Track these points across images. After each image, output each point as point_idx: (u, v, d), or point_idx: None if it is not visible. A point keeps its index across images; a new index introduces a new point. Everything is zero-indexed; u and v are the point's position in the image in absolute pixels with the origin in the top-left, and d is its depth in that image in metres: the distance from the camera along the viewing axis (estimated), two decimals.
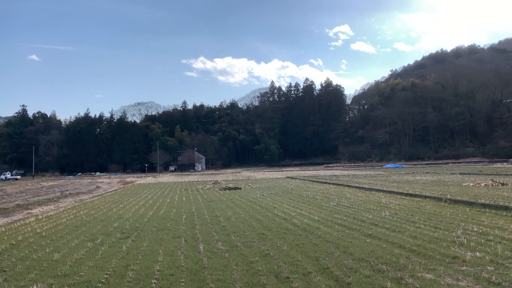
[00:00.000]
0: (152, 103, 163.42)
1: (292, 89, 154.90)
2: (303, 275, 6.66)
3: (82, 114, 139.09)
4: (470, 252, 7.64)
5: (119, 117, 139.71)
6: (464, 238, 8.96)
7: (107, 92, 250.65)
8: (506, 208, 13.17)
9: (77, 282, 6.58)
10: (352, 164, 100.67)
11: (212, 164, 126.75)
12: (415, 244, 8.62)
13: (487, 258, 7.27)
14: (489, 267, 6.67)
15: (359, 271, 6.72)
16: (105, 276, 6.84)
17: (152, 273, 6.98)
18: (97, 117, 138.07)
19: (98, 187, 38.70)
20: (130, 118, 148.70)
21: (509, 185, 22.90)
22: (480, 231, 9.84)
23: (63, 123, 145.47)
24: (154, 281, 6.46)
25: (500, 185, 22.84)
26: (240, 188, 28.85)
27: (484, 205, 14.18)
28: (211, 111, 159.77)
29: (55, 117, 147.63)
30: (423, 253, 7.84)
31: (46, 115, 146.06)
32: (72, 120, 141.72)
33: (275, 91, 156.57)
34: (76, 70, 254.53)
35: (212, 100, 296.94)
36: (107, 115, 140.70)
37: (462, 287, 5.75)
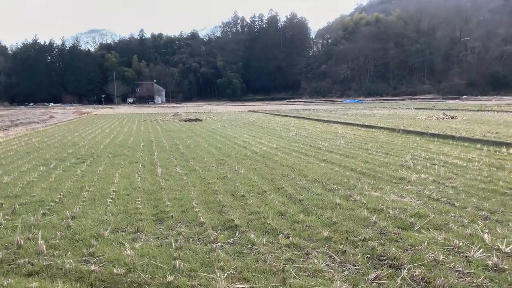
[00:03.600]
0: (107, 31, 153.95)
1: (256, 19, 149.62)
2: (258, 193, 6.87)
3: (30, 40, 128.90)
4: (416, 174, 8.12)
5: (71, 45, 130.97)
6: (412, 162, 9.49)
7: (55, 16, 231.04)
8: (452, 137, 13.99)
9: (29, 202, 6.45)
10: (314, 100, 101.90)
11: (172, 97, 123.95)
12: (366, 167, 9.05)
13: (430, 179, 7.78)
14: (431, 186, 7.16)
15: (311, 190, 7.02)
16: (59, 196, 6.74)
17: (108, 193, 6.95)
18: (47, 44, 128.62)
19: (51, 117, 37.11)
20: (83, 47, 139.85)
21: (459, 118, 24.18)
22: (427, 157, 10.44)
23: (9, 49, 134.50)
24: (110, 200, 6.45)
25: (450, 118, 24.06)
26: (201, 120, 28.64)
27: (433, 135, 14.97)
28: (170, 41, 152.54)
29: None
30: (373, 175, 8.26)
31: None
32: (19, 46, 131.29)
33: (238, 21, 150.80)
34: None
35: (171, 29, 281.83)
36: (58, 42, 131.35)
37: (405, 202, 6.16)
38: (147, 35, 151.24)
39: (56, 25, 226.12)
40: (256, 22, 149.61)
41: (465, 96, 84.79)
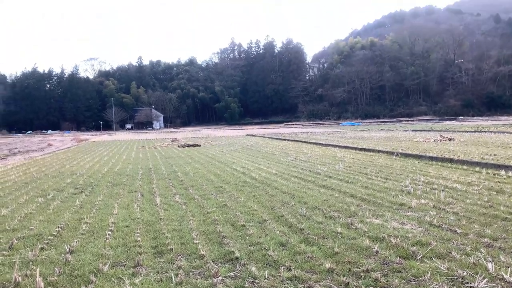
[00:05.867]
0: (106, 58, 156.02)
1: (253, 45, 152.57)
2: (258, 223, 6.82)
3: (29, 69, 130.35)
4: (416, 200, 8.10)
5: (70, 73, 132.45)
6: (412, 187, 9.46)
7: (55, 46, 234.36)
8: (451, 160, 14.00)
9: (27, 236, 6.37)
10: (311, 123, 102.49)
11: (171, 122, 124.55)
12: (366, 193, 9.02)
13: (431, 204, 7.75)
14: (431, 212, 7.13)
15: (312, 218, 6.97)
16: (57, 229, 6.66)
17: (107, 225, 6.88)
18: (46, 72, 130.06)
19: (50, 144, 37.10)
20: (82, 74, 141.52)
21: (456, 140, 24.28)
22: (427, 181, 10.42)
23: (8, 78, 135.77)
24: (109, 232, 6.38)
25: (447, 140, 24.15)
26: (199, 145, 28.68)
27: (431, 158, 14.99)
28: (169, 67, 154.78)
29: None
30: (373, 201, 8.23)
31: None
32: (18, 75, 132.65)
33: (235, 47, 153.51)
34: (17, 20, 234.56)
35: (169, 56, 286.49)
36: (57, 70, 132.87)
37: (406, 230, 6.11)
38: (146, 62, 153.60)
39: (56, 55, 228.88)
40: (253, 48, 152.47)
41: (461, 117, 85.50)
